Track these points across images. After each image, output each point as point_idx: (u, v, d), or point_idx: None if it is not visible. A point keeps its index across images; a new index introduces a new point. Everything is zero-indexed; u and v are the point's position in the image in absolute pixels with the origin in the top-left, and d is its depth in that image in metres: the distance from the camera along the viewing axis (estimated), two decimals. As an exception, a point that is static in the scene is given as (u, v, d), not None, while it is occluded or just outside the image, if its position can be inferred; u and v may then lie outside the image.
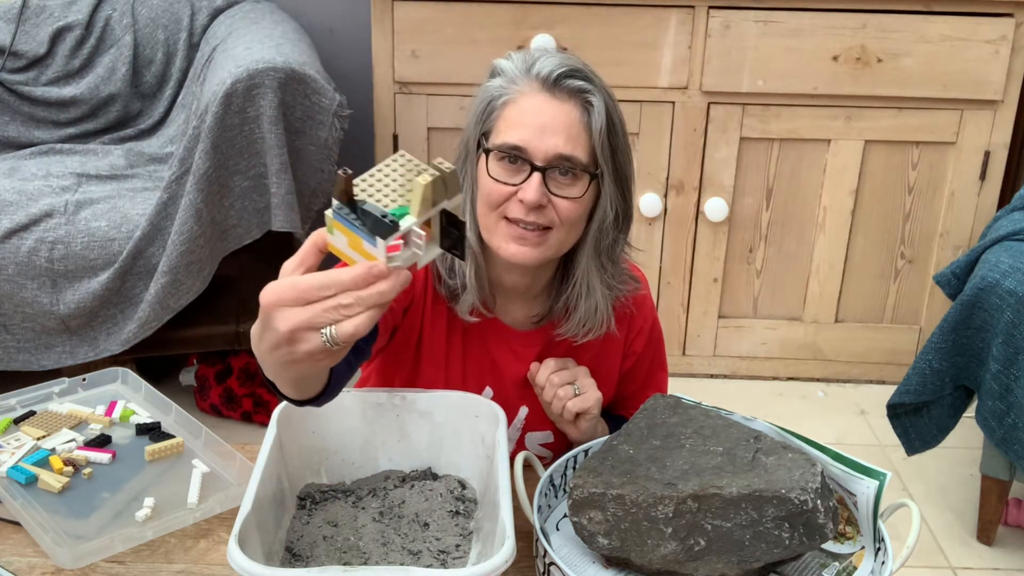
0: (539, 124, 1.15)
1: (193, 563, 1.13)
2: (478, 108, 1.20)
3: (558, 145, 1.14)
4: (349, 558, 1.09)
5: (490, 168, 1.17)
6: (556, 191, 1.16)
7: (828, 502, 1.00)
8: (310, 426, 1.23)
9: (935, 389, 2.07)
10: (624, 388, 1.41)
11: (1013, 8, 2.49)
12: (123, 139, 2.75)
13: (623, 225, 1.25)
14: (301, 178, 2.30)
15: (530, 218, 1.16)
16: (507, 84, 1.18)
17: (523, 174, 1.15)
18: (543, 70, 1.16)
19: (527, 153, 1.15)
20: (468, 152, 1.22)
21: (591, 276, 1.25)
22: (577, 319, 1.27)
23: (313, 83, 2.23)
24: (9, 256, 2.20)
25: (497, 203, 1.17)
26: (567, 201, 1.16)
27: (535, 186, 1.14)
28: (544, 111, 1.15)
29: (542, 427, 1.35)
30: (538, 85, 1.16)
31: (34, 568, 1.12)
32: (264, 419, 2.51)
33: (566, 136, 1.15)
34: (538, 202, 1.14)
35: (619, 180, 1.20)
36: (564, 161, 1.15)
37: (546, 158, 1.15)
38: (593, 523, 1.05)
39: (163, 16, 2.76)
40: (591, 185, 1.18)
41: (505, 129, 1.17)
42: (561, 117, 1.15)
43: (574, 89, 1.16)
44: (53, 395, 1.42)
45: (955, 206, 2.68)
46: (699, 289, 2.78)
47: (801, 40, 2.52)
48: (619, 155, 1.20)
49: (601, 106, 1.17)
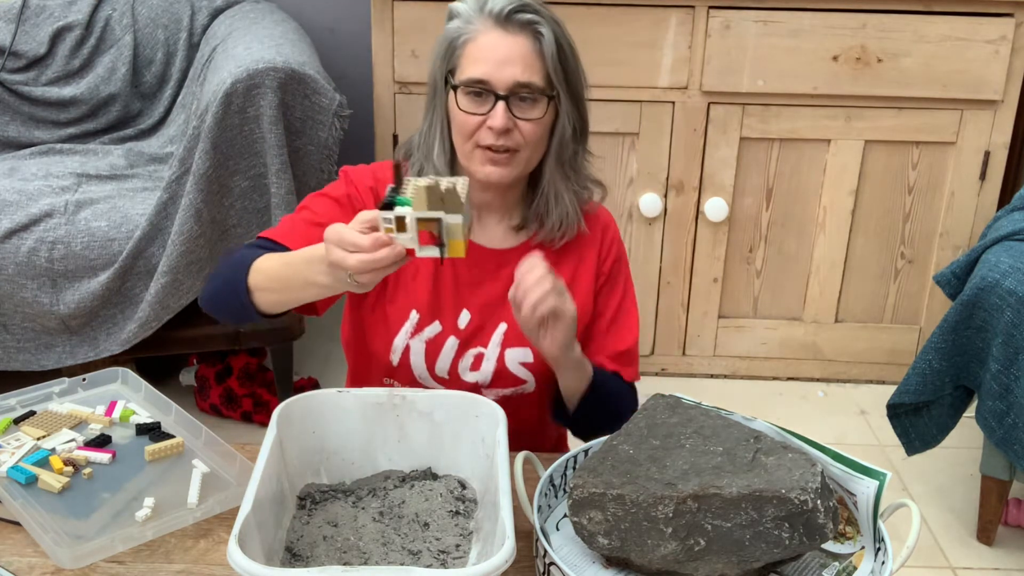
0: (497, 58, 1.28)
1: (193, 563, 1.13)
2: (440, 49, 1.33)
3: (516, 74, 1.28)
4: (349, 558, 1.09)
5: (459, 102, 1.31)
6: (519, 115, 1.30)
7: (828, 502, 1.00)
8: (310, 426, 1.23)
9: (935, 389, 2.07)
10: (595, 326, 1.44)
11: (1013, 8, 2.49)
12: (123, 139, 2.75)
13: (581, 137, 1.39)
14: (301, 178, 2.30)
15: (500, 142, 1.30)
16: (464, 24, 1.31)
17: (489, 104, 1.29)
18: (495, 8, 1.29)
19: (490, 85, 1.29)
20: (436, 91, 1.35)
21: (557, 184, 1.37)
22: (551, 224, 1.39)
23: (313, 83, 2.23)
24: (9, 256, 2.20)
25: (470, 132, 1.31)
26: (530, 123, 1.30)
27: (500, 113, 1.28)
28: (500, 45, 1.29)
29: (521, 344, 1.38)
30: (492, 22, 1.30)
31: (34, 568, 1.12)
32: (264, 419, 2.51)
33: (522, 65, 1.28)
34: (505, 127, 1.28)
35: (574, 98, 1.34)
36: (523, 88, 1.29)
37: (507, 87, 1.28)
38: (593, 523, 1.05)
39: (163, 16, 2.76)
40: (550, 106, 1.31)
41: (468, 65, 1.30)
42: (516, 49, 1.29)
43: (524, 22, 1.29)
44: (53, 395, 1.42)
45: (955, 206, 2.68)
46: (699, 289, 2.78)
47: (801, 40, 2.52)
48: (571, 76, 1.33)
49: (550, 34, 1.30)
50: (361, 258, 1.07)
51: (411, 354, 1.39)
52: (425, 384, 1.40)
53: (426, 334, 1.39)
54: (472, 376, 1.40)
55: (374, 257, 1.07)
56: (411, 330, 1.39)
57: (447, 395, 1.25)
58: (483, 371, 1.40)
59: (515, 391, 1.40)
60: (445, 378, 1.40)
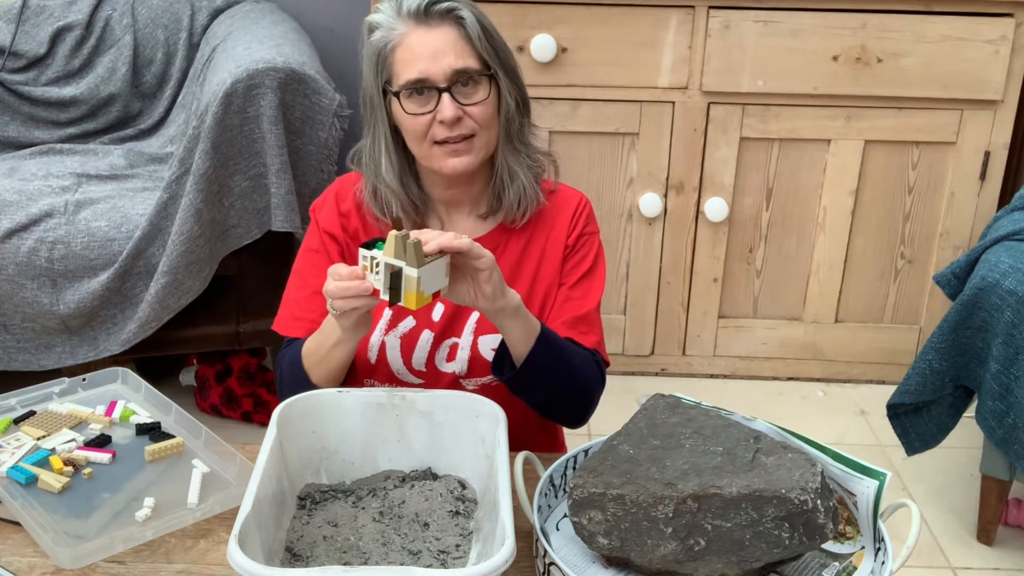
0: (428, 53, 1.29)
1: (193, 563, 1.13)
2: (371, 63, 1.34)
3: (451, 63, 1.30)
4: (349, 558, 1.10)
5: (404, 107, 1.32)
6: (466, 101, 1.31)
7: (828, 502, 1.00)
8: (310, 426, 1.23)
9: (935, 389, 2.07)
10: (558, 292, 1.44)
11: (1013, 8, 2.49)
12: (123, 139, 2.75)
13: (524, 110, 1.40)
14: (301, 178, 2.30)
15: (454, 132, 1.31)
16: (386, 33, 1.32)
17: (433, 100, 1.31)
18: (411, 6, 1.31)
19: (429, 80, 1.30)
20: (373, 106, 1.36)
21: (509, 160, 1.39)
22: (509, 202, 1.40)
23: (313, 83, 2.23)
24: (9, 256, 2.20)
25: (423, 132, 1.32)
26: (478, 106, 1.32)
27: (448, 104, 1.30)
28: (427, 40, 1.30)
29: (493, 330, 1.38)
30: (412, 22, 1.31)
31: (34, 568, 1.12)
32: (264, 419, 2.51)
33: (454, 53, 1.30)
34: (455, 116, 1.30)
35: (509, 73, 1.36)
36: (462, 74, 1.30)
37: (446, 77, 1.30)
38: (593, 523, 1.05)
39: (163, 16, 2.76)
40: (491, 85, 1.33)
41: (401, 70, 1.31)
42: (443, 39, 1.30)
43: (443, 11, 1.31)
44: (53, 395, 1.42)
45: (955, 206, 2.68)
46: (699, 289, 2.78)
47: (801, 40, 2.52)
48: (501, 52, 1.35)
49: (471, 16, 1.32)
50: (338, 285, 1.18)
51: (387, 349, 1.40)
52: (403, 379, 1.41)
53: (400, 329, 1.40)
54: (449, 367, 1.41)
55: (346, 285, 1.17)
56: (385, 326, 1.40)
57: (447, 395, 1.25)
58: (459, 360, 1.40)
59: (493, 379, 1.40)
60: (423, 371, 1.41)
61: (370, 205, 1.41)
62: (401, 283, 1.14)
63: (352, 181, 1.45)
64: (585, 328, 1.41)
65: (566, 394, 1.36)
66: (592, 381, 1.39)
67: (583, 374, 1.37)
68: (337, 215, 1.43)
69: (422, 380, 1.41)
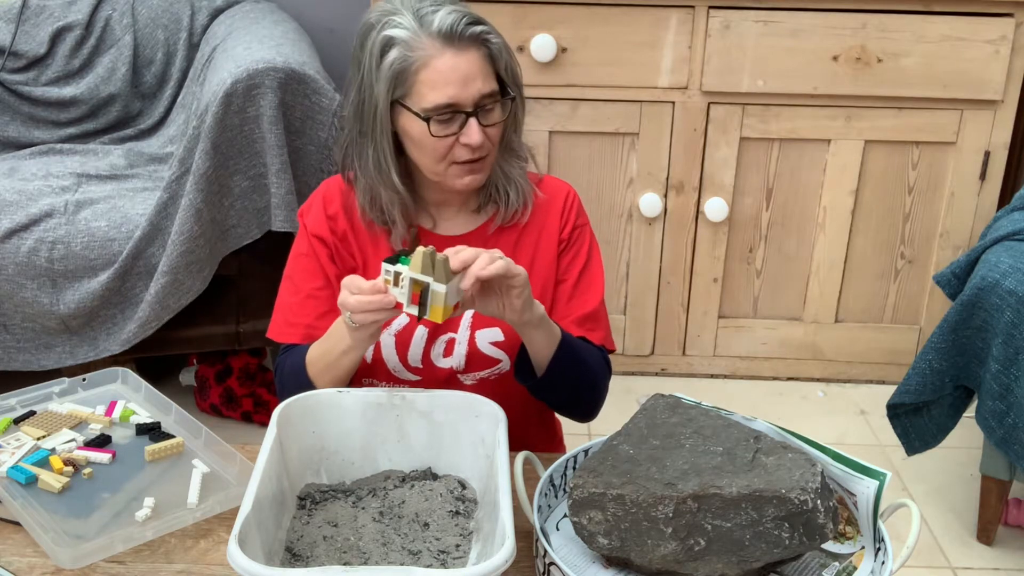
0: (458, 78, 1.28)
1: (193, 563, 1.13)
2: (388, 77, 1.29)
3: (480, 88, 1.30)
4: (349, 558, 1.10)
5: (432, 130, 1.30)
6: (486, 123, 1.32)
7: (828, 502, 1.00)
8: (310, 426, 1.23)
9: (935, 389, 2.07)
10: (558, 291, 1.45)
11: (1013, 8, 2.49)
12: (123, 139, 2.75)
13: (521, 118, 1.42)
14: (301, 178, 2.30)
15: (476, 156, 1.32)
16: (407, 52, 1.28)
17: (458, 122, 1.30)
18: (443, 26, 1.28)
19: (459, 106, 1.29)
20: (377, 119, 1.32)
21: (504, 166, 1.41)
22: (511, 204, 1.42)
23: (313, 83, 2.23)
24: (9, 256, 2.20)
25: (444, 153, 1.32)
26: (495, 127, 1.34)
27: (476, 130, 1.30)
28: (458, 65, 1.28)
29: (490, 324, 1.40)
30: (440, 42, 1.28)
31: (34, 568, 1.12)
32: (264, 419, 2.51)
33: (482, 78, 1.30)
34: (482, 142, 1.31)
35: (521, 92, 1.38)
36: (488, 99, 1.31)
37: (473, 102, 1.30)
38: (593, 523, 1.05)
39: (163, 16, 2.76)
40: (510, 105, 1.35)
41: (429, 92, 1.29)
42: (473, 64, 1.29)
43: (475, 35, 1.30)
44: (53, 395, 1.42)
45: (955, 206, 2.68)
46: (699, 289, 2.78)
47: (801, 40, 2.52)
48: (518, 72, 1.37)
49: (499, 40, 1.32)
50: (359, 299, 1.18)
51: (382, 348, 1.40)
52: (400, 376, 1.41)
53: (394, 327, 1.40)
54: (446, 362, 1.41)
55: (368, 299, 1.18)
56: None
57: (447, 395, 1.25)
58: (456, 356, 1.41)
59: (491, 372, 1.41)
60: (419, 367, 1.41)
61: (366, 211, 1.39)
62: (428, 298, 1.16)
63: (338, 184, 1.44)
64: (593, 325, 1.44)
65: (583, 393, 1.41)
66: (602, 378, 1.44)
67: (596, 373, 1.41)
68: (325, 218, 1.42)
69: (419, 377, 1.41)
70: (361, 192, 1.39)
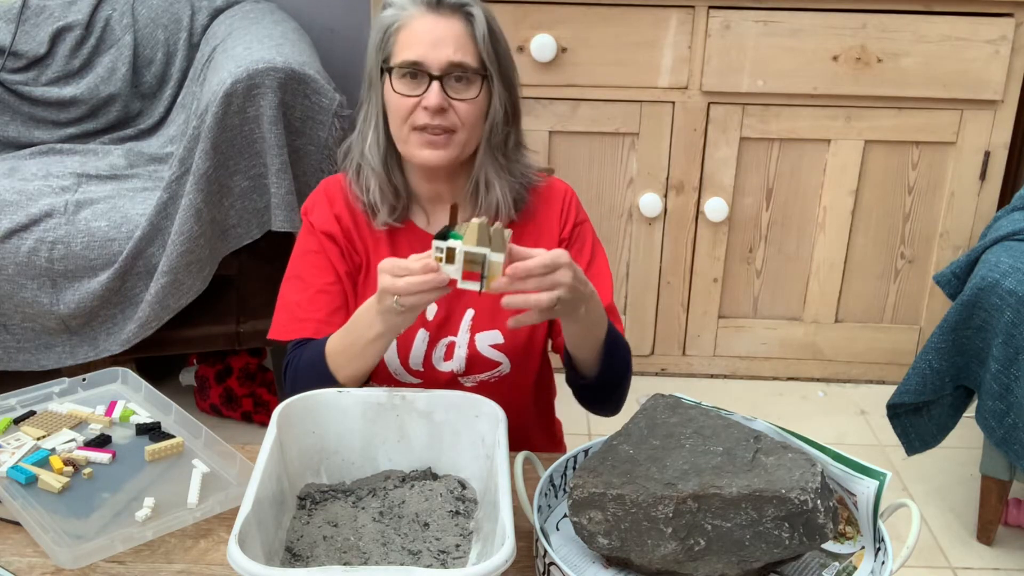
0: (430, 40, 1.31)
1: (193, 563, 1.13)
2: (375, 38, 1.36)
3: (449, 55, 1.31)
4: (349, 558, 1.10)
5: (394, 85, 1.33)
6: (454, 95, 1.32)
7: (828, 502, 1.00)
8: (310, 426, 1.23)
9: (935, 389, 2.07)
10: None
11: (1013, 8, 2.49)
12: (123, 139, 2.75)
13: (513, 121, 1.41)
14: (301, 178, 2.30)
15: (435, 121, 1.31)
16: (397, 12, 1.34)
17: (423, 85, 1.31)
18: None
19: (424, 66, 1.31)
20: (372, 82, 1.38)
21: (488, 169, 1.39)
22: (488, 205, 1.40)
23: (313, 83, 2.23)
24: (9, 256, 2.20)
25: (406, 115, 1.33)
26: (465, 103, 1.33)
27: (435, 91, 1.30)
28: (433, 28, 1.32)
29: (489, 327, 1.40)
30: (424, 7, 1.33)
31: (34, 568, 1.12)
32: (264, 419, 2.51)
33: (455, 46, 1.31)
34: (440, 105, 1.30)
35: (505, 81, 1.37)
36: (457, 68, 1.31)
37: (441, 67, 1.31)
38: (593, 523, 1.05)
39: (163, 16, 2.76)
40: (483, 87, 1.34)
41: (402, 50, 1.33)
42: (449, 30, 1.32)
43: (455, 5, 1.33)
44: (53, 395, 1.42)
45: (955, 206, 2.68)
46: (699, 289, 2.78)
47: (801, 40, 2.52)
48: (503, 59, 1.36)
49: (481, 16, 1.33)
50: (410, 280, 1.14)
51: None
52: (401, 379, 1.41)
53: None
54: (447, 366, 1.41)
55: (422, 279, 1.13)
56: None
57: (447, 395, 1.25)
58: (456, 359, 1.41)
59: (492, 375, 1.41)
60: (420, 370, 1.41)
61: (352, 186, 1.41)
62: (484, 268, 1.12)
63: (338, 182, 1.45)
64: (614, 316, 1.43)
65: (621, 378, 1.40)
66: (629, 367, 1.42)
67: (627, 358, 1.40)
68: (332, 216, 1.42)
69: (420, 380, 1.41)
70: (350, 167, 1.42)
